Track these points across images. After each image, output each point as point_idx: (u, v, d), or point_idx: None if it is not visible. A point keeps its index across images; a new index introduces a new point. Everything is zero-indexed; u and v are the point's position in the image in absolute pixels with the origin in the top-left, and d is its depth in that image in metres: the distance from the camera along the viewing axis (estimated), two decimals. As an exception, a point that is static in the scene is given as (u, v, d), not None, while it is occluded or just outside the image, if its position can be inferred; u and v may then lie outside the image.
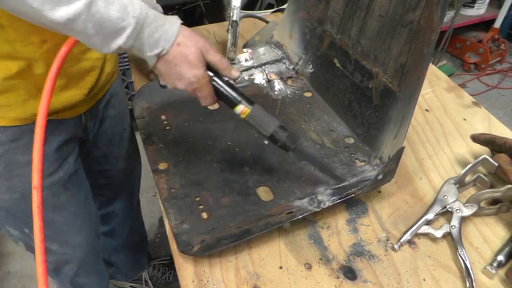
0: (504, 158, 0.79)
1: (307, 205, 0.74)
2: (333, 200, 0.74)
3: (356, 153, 0.86)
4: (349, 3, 0.90)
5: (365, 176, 0.80)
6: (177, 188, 0.79)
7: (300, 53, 1.07)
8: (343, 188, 0.77)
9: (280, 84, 1.05)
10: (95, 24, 0.58)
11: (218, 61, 0.71)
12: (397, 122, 0.77)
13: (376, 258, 0.70)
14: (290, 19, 1.08)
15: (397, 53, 0.79)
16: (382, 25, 0.82)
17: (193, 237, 0.70)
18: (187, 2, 2.19)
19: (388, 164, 0.72)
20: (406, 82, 0.77)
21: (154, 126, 0.93)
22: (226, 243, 0.68)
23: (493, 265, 0.68)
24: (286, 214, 0.73)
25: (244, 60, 1.08)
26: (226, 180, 0.81)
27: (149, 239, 1.88)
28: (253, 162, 0.85)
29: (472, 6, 2.86)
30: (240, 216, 0.74)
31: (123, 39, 0.61)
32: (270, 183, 0.80)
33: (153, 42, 0.65)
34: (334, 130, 0.92)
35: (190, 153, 0.87)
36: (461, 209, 0.75)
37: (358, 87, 0.89)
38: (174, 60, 0.67)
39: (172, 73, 0.69)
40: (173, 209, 0.75)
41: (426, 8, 0.71)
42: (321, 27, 1.00)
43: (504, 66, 3.00)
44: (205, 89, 0.71)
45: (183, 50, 0.67)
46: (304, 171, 0.82)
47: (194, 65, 0.68)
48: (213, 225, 0.73)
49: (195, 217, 0.74)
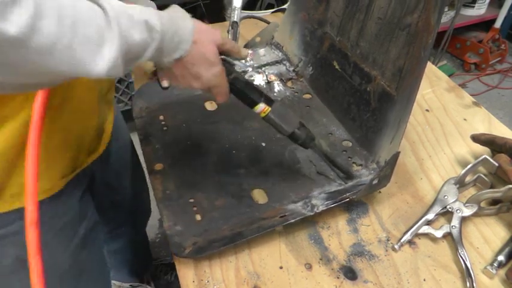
0: (504, 158, 0.79)
1: (301, 209, 0.74)
2: (326, 205, 0.74)
3: (353, 157, 0.85)
4: (348, 5, 0.90)
5: (361, 180, 0.80)
6: (172, 189, 0.79)
7: (300, 54, 1.07)
8: (338, 192, 0.77)
9: (279, 85, 1.05)
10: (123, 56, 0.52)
11: (231, 48, 0.68)
12: (394, 126, 0.77)
13: (377, 258, 0.71)
14: (290, 20, 1.08)
15: (395, 56, 0.78)
16: (381, 27, 0.82)
17: (186, 239, 0.70)
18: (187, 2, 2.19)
19: (383, 169, 0.72)
20: (403, 86, 0.76)
21: (152, 126, 0.93)
22: (218, 245, 0.68)
23: (493, 265, 0.68)
24: (279, 217, 0.72)
25: (244, 61, 1.08)
26: (221, 182, 0.81)
27: (149, 239, 1.87)
28: (249, 165, 0.84)
29: (472, 6, 2.86)
30: (234, 219, 0.74)
31: (147, 56, 0.56)
32: (264, 186, 0.80)
33: (173, 48, 0.60)
34: (332, 133, 0.92)
35: (187, 154, 0.86)
36: (462, 209, 0.75)
37: (356, 90, 0.89)
38: (192, 60, 0.63)
39: (190, 74, 0.65)
40: (167, 210, 0.75)
41: (424, 11, 0.71)
42: (321, 29, 1.00)
43: (504, 66, 3.00)
44: (222, 86, 0.68)
45: (200, 48, 0.62)
46: (300, 175, 0.82)
47: (212, 63, 0.64)
48: (206, 227, 0.72)
49: (189, 219, 0.74)
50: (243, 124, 0.93)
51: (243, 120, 0.94)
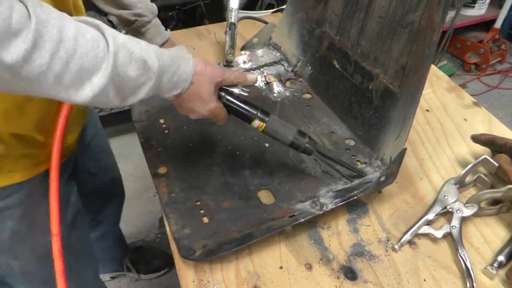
0: (505, 159, 0.79)
1: (309, 208, 0.74)
2: (335, 203, 0.73)
3: (357, 155, 0.86)
4: (348, 5, 0.90)
5: (367, 178, 0.80)
6: (177, 192, 0.79)
7: (299, 54, 1.07)
8: (346, 190, 0.77)
9: (279, 86, 1.05)
10: (116, 88, 0.55)
11: (235, 79, 0.72)
12: (399, 123, 0.77)
13: (377, 258, 0.70)
14: (288, 21, 1.08)
15: (398, 54, 0.78)
16: (382, 26, 0.82)
17: (195, 242, 0.70)
18: (187, 2, 2.19)
19: (390, 166, 0.72)
20: (407, 83, 0.76)
21: (153, 129, 0.92)
22: (229, 247, 0.68)
23: (493, 265, 0.68)
24: (288, 217, 0.72)
25: (243, 63, 1.08)
26: (227, 184, 0.80)
27: (149, 239, 1.88)
28: (253, 165, 0.84)
29: (472, 6, 2.86)
30: (242, 220, 0.74)
31: (144, 93, 0.60)
32: (271, 186, 0.80)
33: (172, 87, 0.65)
34: (334, 132, 0.92)
35: (190, 156, 0.86)
36: (462, 209, 0.75)
37: (358, 88, 0.89)
38: (188, 98, 0.68)
39: (187, 107, 0.70)
40: (174, 213, 0.75)
41: (427, 9, 0.71)
42: (319, 29, 1.00)
43: (504, 66, 3.00)
44: (219, 115, 0.73)
45: (197, 88, 0.67)
46: (305, 174, 0.82)
47: (207, 101, 0.69)
48: (215, 230, 0.72)
49: (196, 222, 0.73)
50: (245, 125, 0.93)
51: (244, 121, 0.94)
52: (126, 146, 2.11)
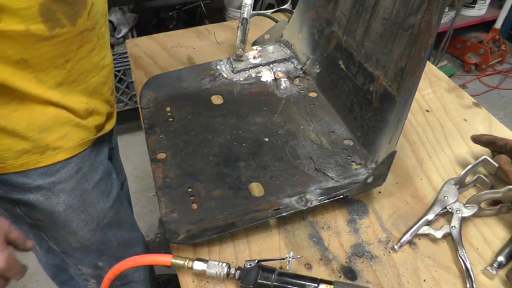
0: (505, 159, 0.79)
1: (295, 203, 0.75)
2: (320, 200, 0.74)
3: (353, 155, 0.86)
4: (355, 5, 0.90)
5: (357, 179, 0.80)
6: (171, 177, 0.80)
7: (309, 53, 1.07)
8: (333, 189, 0.77)
9: (286, 83, 1.05)
10: None
11: (17, 237, 0.69)
12: (393, 126, 0.77)
13: (377, 258, 0.71)
14: (300, 19, 1.08)
15: (398, 57, 0.78)
16: (385, 28, 0.82)
17: (181, 227, 0.71)
18: (187, 2, 2.19)
19: (378, 167, 0.72)
20: (404, 86, 0.76)
21: (159, 117, 0.95)
22: (210, 234, 0.69)
23: (493, 266, 0.68)
24: (273, 210, 0.73)
25: (253, 58, 1.08)
26: (220, 174, 0.82)
27: (149, 239, 1.88)
28: (249, 158, 0.85)
29: (472, 6, 2.86)
30: (229, 209, 0.75)
31: None
32: (262, 179, 0.81)
33: None
34: (334, 132, 0.92)
35: (189, 145, 0.88)
36: (462, 209, 0.75)
37: (360, 89, 0.89)
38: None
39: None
40: (165, 197, 0.77)
41: (427, 12, 0.71)
42: (328, 28, 1.00)
43: (505, 66, 3.00)
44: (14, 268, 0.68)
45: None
46: (299, 170, 0.83)
47: None
48: (201, 216, 0.74)
49: (185, 207, 0.75)
50: (247, 119, 0.95)
51: (247, 115, 0.95)
52: (126, 146, 2.11)
